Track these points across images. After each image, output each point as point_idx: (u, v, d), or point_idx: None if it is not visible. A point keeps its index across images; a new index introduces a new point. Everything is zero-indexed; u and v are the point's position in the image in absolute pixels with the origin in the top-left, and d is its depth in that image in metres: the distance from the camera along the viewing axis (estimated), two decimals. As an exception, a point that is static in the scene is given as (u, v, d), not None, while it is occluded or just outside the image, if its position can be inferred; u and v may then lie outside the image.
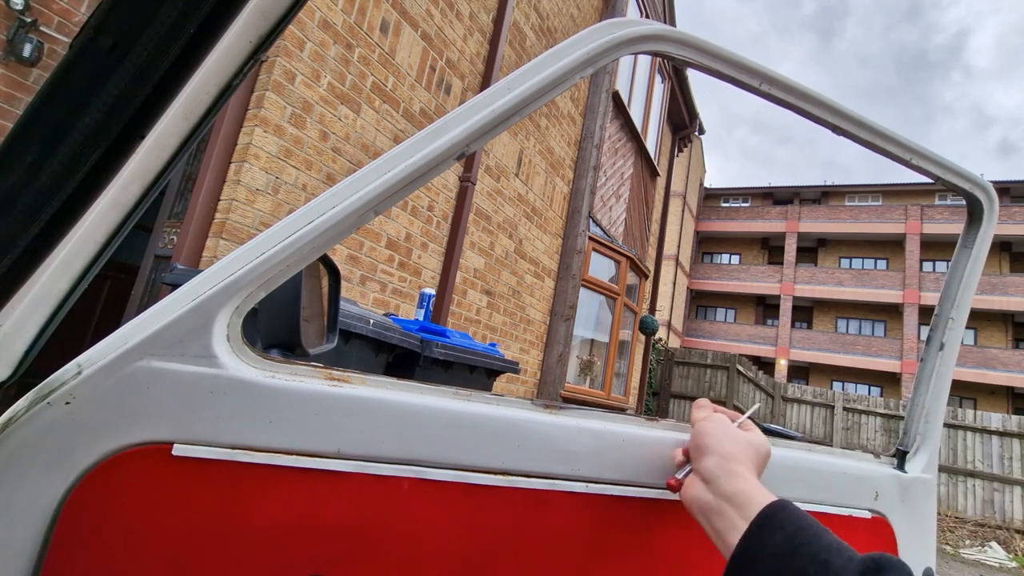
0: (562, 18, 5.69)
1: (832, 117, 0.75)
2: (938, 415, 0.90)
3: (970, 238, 0.90)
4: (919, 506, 0.89)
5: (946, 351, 0.90)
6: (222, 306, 0.51)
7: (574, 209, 6.00)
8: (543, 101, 0.61)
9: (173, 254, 2.63)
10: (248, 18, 0.45)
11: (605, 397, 6.66)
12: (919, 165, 0.82)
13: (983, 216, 0.89)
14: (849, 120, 0.76)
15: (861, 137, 0.77)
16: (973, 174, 0.87)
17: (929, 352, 0.92)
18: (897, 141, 0.80)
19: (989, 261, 23.81)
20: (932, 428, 0.91)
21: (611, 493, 0.66)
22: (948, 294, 0.91)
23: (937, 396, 0.90)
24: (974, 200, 0.88)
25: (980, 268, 0.90)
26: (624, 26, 0.63)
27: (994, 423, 9.24)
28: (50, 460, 0.45)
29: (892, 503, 0.86)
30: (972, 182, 0.87)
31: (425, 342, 2.11)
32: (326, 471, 0.53)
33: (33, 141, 0.41)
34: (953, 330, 0.90)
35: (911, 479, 0.89)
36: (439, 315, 4.08)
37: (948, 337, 0.90)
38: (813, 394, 10.86)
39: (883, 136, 0.78)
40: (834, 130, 0.76)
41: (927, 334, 0.94)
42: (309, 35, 2.90)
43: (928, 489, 0.90)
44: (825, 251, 27.50)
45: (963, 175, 0.86)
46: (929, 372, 0.91)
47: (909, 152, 0.80)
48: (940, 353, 0.90)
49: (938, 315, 0.92)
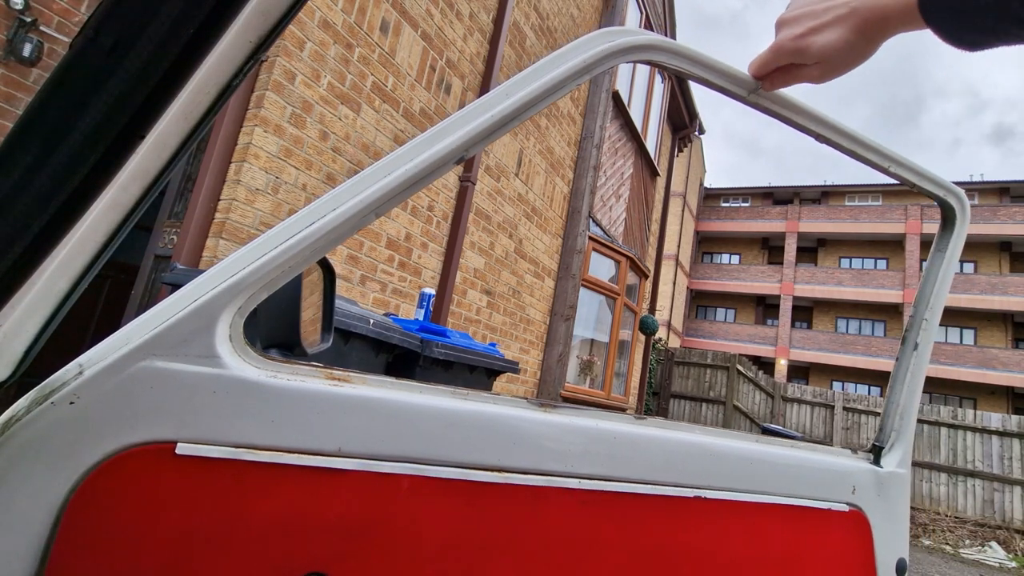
0: (562, 18, 5.69)
1: (816, 126, 0.79)
2: (912, 412, 0.95)
3: (943, 242, 0.94)
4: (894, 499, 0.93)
5: (920, 350, 0.94)
6: (225, 307, 0.52)
7: (574, 209, 6.00)
8: (540, 107, 0.62)
9: (173, 254, 2.63)
10: (248, 18, 0.45)
11: (605, 397, 6.66)
12: (897, 172, 0.86)
13: (955, 221, 0.93)
14: (832, 129, 0.80)
15: (843, 145, 0.82)
16: (946, 182, 0.91)
17: (904, 352, 0.96)
18: (877, 150, 0.84)
19: (989, 261, 23.80)
20: (906, 425, 0.95)
21: (604, 489, 0.68)
22: (923, 296, 0.95)
23: (911, 394, 0.94)
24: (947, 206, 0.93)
25: (953, 271, 0.94)
26: (619, 35, 0.66)
27: (994, 423, 9.24)
28: (54, 459, 0.45)
29: (868, 497, 0.90)
30: (945, 189, 0.91)
31: (425, 342, 2.11)
32: (327, 469, 0.54)
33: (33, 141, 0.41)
34: (927, 330, 0.94)
35: (886, 474, 0.93)
36: (439, 315, 4.08)
37: (922, 337, 0.94)
38: (813, 394, 10.86)
39: (864, 145, 0.83)
40: (817, 138, 0.80)
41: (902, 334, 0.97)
42: (309, 35, 2.90)
43: (902, 483, 0.94)
44: (825, 251, 27.50)
45: (937, 182, 0.90)
46: (904, 371, 0.95)
47: (888, 160, 0.85)
48: (914, 352, 0.94)
49: (913, 316, 0.96)
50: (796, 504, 0.82)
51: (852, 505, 0.88)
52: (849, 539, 0.88)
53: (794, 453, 0.86)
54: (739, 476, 0.78)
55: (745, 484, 0.79)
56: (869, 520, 0.89)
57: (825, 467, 0.87)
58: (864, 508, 0.89)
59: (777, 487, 0.81)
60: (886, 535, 0.91)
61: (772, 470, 0.82)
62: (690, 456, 0.75)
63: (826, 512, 0.85)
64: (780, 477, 0.82)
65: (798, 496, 0.83)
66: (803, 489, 0.84)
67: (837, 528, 0.86)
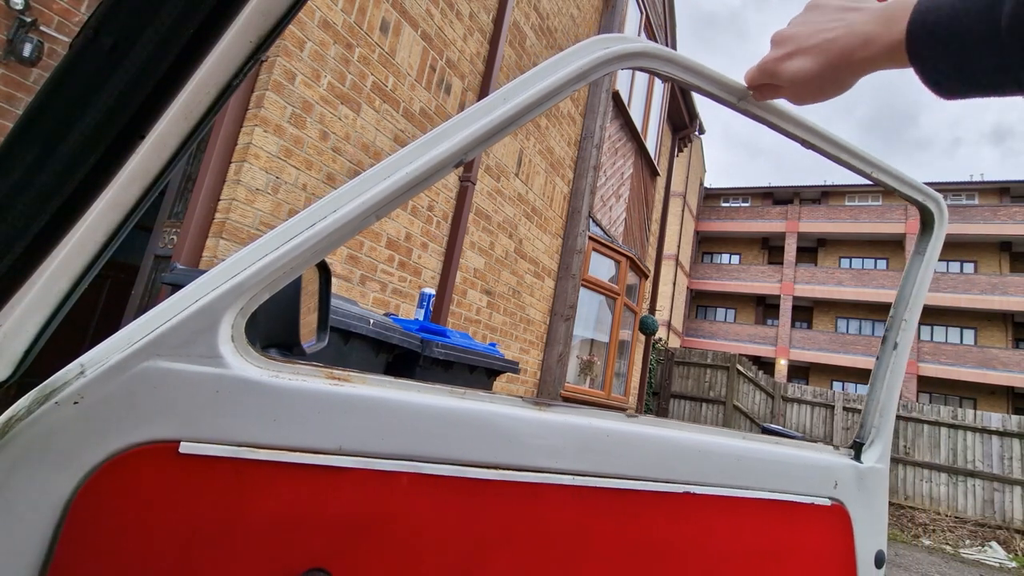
0: (562, 18, 5.69)
1: (802, 132, 0.81)
2: (891, 409, 0.98)
3: (922, 245, 0.98)
4: (873, 493, 0.96)
5: (899, 349, 0.97)
6: (227, 308, 0.53)
7: (574, 209, 6.00)
8: (537, 112, 0.64)
9: (173, 254, 2.64)
10: (248, 18, 0.45)
11: (605, 397, 6.67)
12: (879, 178, 0.90)
13: (934, 225, 0.97)
14: (817, 135, 0.82)
15: (828, 151, 0.84)
16: (926, 187, 0.95)
17: (884, 351, 0.99)
18: (861, 156, 0.87)
19: (989, 261, 23.80)
20: (886, 421, 0.98)
21: (597, 485, 0.69)
22: (902, 297, 0.98)
23: (891, 392, 0.98)
24: (926, 210, 0.96)
25: (931, 272, 0.98)
26: (613, 43, 0.67)
27: (994, 423, 9.23)
28: (59, 459, 0.45)
29: (850, 491, 0.93)
30: (924, 194, 0.95)
31: (425, 342, 2.11)
32: (328, 467, 0.55)
33: (33, 141, 0.41)
34: (906, 330, 0.98)
35: (867, 469, 0.96)
36: (439, 315, 4.08)
37: (901, 337, 0.97)
38: (813, 394, 10.85)
39: (848, 151, 0.85)
40: (803, 144, 0.82)
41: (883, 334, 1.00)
42: (309, 35, 2.90)
43: (881, 478, 0.97)
44: (825, 251, 27.50)
45: (917, 188, 0.93)
46: (884, 369, 0.98)
47: (871, 166, 0.88)
48: (894, 352, 0.97)
49: (892, 316, 0.99)
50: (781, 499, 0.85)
51: (834, 499, 0.91)
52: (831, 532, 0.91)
53: (779, 449, 0.88)
54: (727, 472, 0.81)
55: (732, 480, 0.81)
56: (850, 514, 0.92)
57: (808, 463, 0.90)
58: (845, 502, 0.92)
59: (763, 482, 0.84)
60: (866, 528, 0.94)
61: (758, 466, 0.84)
62: (680, 453, 0.77)
63: (809, 506, 0.88)
64: (765, 473, 0.85)
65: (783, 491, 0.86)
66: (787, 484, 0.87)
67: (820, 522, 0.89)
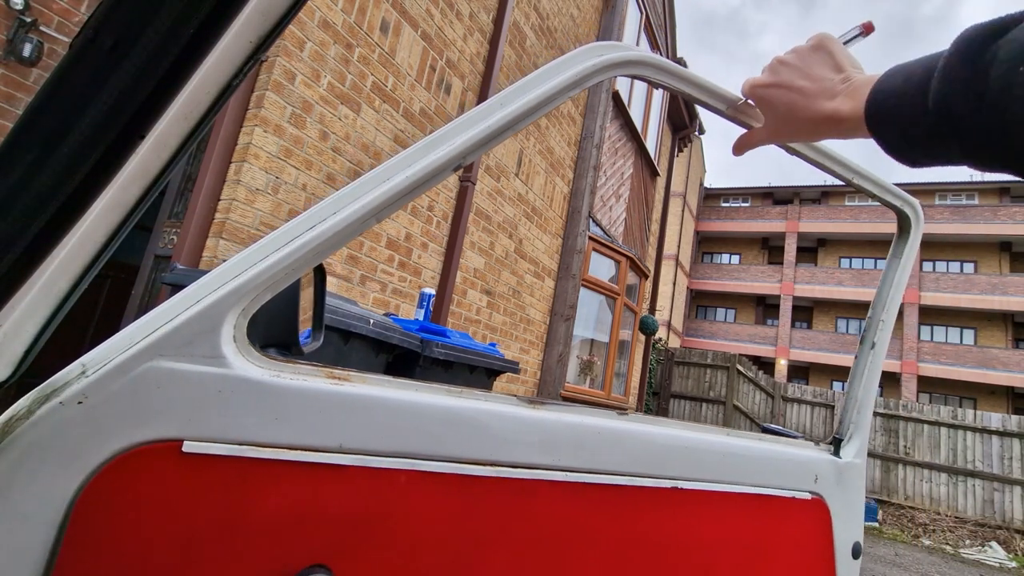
0: (562, 18, 5.69)
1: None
2: (869, 406, 1.01)
3: (899, 248, 1.01)
4: (851, 487, 0.99)
5: (877, 349, 1.01)
6: (230, 308, 0.53)
7: (574, 209, 6.00)
8: (534, 117, 0.65)
9: (173, 254, 2.64)
10: (248, 18, 0.45)
11: (605, 397, 6.66)
12: (859, 184, 0.93)
13: (911, 229, 1.00)
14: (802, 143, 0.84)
15: (812, 158, 0.87)
16: (903, 193, 0.98)
17: (862, 350, 1.02)
18: (842, 163, 0.90)
19: (989, 261, 23.80)
20: (863, 418, 1.01)
21: (589, 481, 0.71)
22: (880, 298, 1.01)
23: (868, 389, 1.01)
24: (903, 215, 0.99)
25: (907, 275, 1.01)
26: (608, 50, 0.69)
27: (994, 423, 9.23)
28: (63, 459, 0.46)
29: (829, 485, 0.96)
30: (901, 199, 0.98)
31: (425, 342, 2.11)
32: (328, 465, 0.56)
33: (33, 141, 0.41)
34: (883, 330, 1.01)
35: (845, 464, 0.99)
36: (439, 315, 4.08)
37: (879, 336, 1.01)
38: (813, 394, 10.85)
39: (830, 157, 0.88)
40: (788, 150, 0.84)
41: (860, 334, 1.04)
42: (309, 35, 2.90)
43: (858, 472, 1.01)
44: (825, 251, 27.49)
45: (895, 193, 0.97)
46: (862, 368, 1.01)
47: (851, 172, 0.91)
48: (872, 351, 1.00)
49: (870, 317, 1.02)
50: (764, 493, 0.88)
51: (814, 493, 0.94)
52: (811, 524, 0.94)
53: (762, 445, 0.91)
54: (712, 467, 0.84)
55: (718, 475, 0.84)
56: (829, 507, 0.96)
57: (790, 458, 0.93)
58: (825, 496, 0.95)
59: (747, 477, 0.87)
60: (844, 521, 0.97)
61: (742, 461, 0.87)
62: (667, 450, 0.79)
63: (790, 500, 0.91)
64: (749, 468, 0.88)
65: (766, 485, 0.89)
66: (770, 479, 0.89)
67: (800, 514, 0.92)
